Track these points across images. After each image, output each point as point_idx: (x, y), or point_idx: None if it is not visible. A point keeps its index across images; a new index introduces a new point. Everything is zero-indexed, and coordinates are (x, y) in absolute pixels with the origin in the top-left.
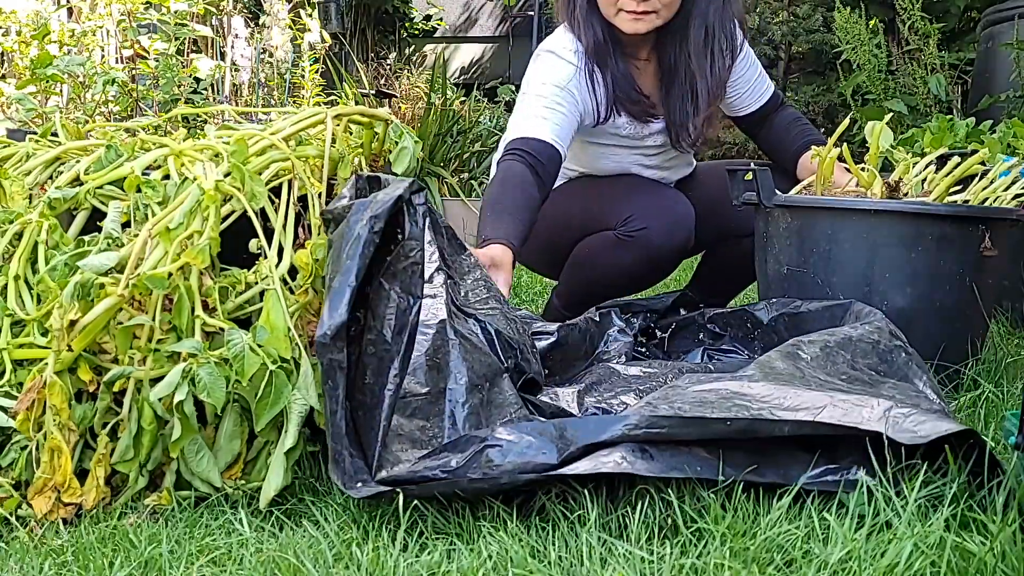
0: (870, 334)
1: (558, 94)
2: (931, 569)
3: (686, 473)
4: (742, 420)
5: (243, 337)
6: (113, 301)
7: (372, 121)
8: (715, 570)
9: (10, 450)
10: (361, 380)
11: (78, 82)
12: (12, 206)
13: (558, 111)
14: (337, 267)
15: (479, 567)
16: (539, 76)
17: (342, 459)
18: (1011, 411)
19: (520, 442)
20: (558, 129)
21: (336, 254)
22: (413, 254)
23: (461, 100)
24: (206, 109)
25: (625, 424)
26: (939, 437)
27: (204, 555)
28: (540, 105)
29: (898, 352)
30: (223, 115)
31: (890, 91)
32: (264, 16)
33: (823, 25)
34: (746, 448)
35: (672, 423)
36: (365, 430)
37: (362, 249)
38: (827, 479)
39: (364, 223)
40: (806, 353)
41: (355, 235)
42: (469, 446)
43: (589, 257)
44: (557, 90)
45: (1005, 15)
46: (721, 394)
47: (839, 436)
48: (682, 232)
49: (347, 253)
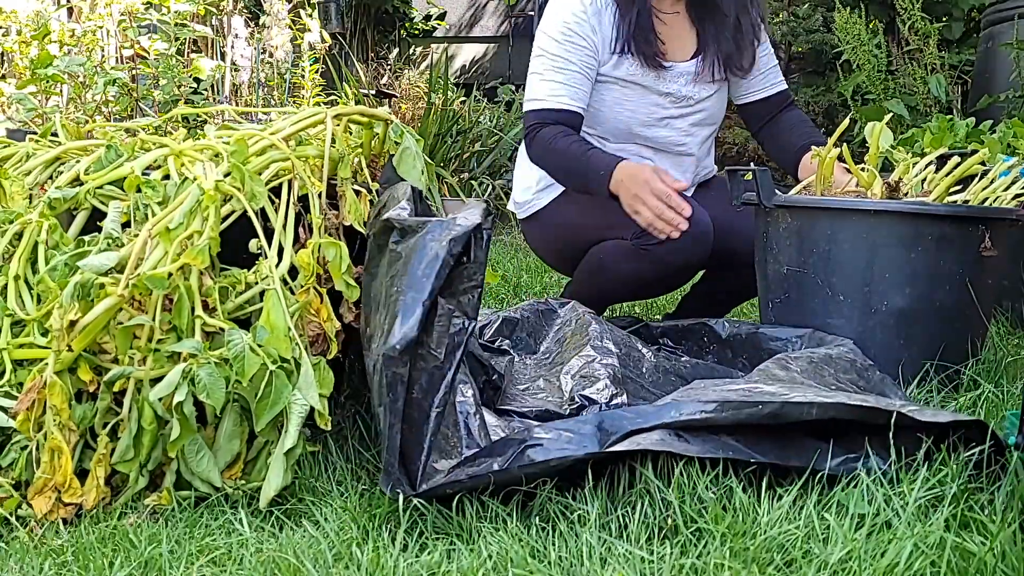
0: (846, 353)
1: (568, 46)
2: (931, 569)
3: (719, 455)
4: (773, 404)
5: (243, 337)
6: (113, 301)
7: (372, 121)
8: (715, 570)
9: (10, 450)
10: (409, 394)
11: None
12: (12, 206)
13: (570, 70)
14: (411, 281)
15: (479, 567)
16: (554, 16)
17: (393, 471)
18: (1011, 411)
19: (560, 438)
20: (573, 91)
21: (406, 267)
22: (476, 277)
23: (461, 100)
24: (206, 109)
25: (668, 411)
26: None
27: (204, 555)
28: (553, 67)
29: (873, 371)
30: (223, 115)
31: (890, 91)
32: (264, 16)
33: (823, 25)
34: (769, 439)
35: (709, 408)
36: (412, 443)
37: (439, 270)
38: (850, 466)
39: (444, 244)
40: (795, 367)
41: (433, 253)
42: (508, 448)
43: (602, 263)
44: (566, 39)
45: (1005, 15)
46: (742, 393)
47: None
48: (699, 249)
49: (423, 271)
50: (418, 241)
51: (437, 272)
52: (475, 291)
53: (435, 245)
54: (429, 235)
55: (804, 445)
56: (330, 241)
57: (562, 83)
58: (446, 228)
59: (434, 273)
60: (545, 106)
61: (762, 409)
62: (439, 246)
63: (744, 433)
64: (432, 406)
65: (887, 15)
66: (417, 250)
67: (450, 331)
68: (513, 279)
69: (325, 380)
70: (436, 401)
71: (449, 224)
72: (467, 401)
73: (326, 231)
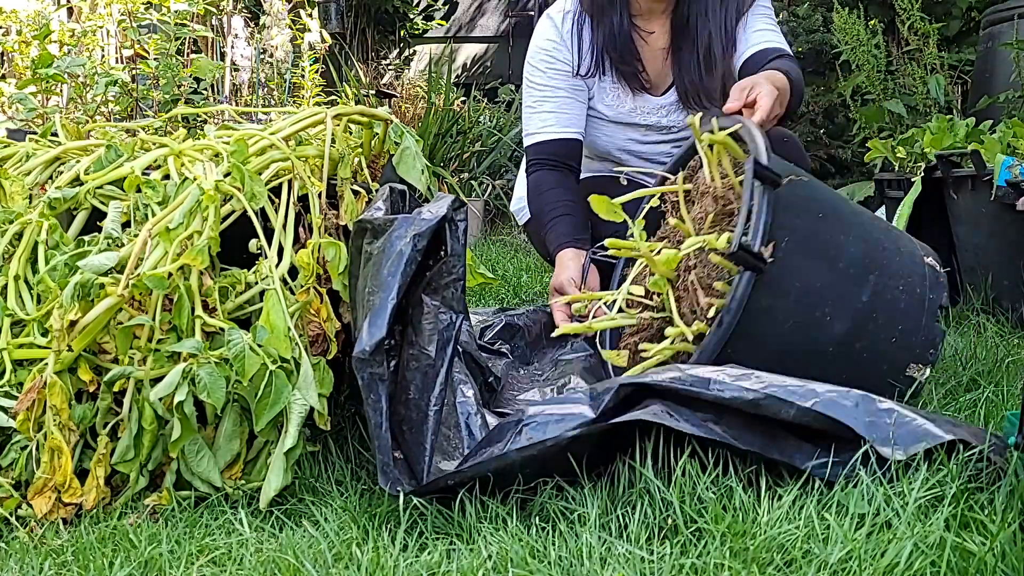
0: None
1: (551, 73)
2: (931, 569)
3: (704, 434)
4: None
5: (243, 337)
6: (113, 301)
7: (372, 121)
8: (715, 570)
9: (10, 450)
10: (404, 395)
11: (78, 82)
12: (12, 206)
13: (557, 97)
14: (378, 283)
15: (479, 567)
16: (533, 45)
17: (389, 469)
18: (1011, 411)
19: (554, 413)
20: (565, 118)
21: (376, 268)
22: (455, 270)
23: (461, 100)
24: (206, 109)
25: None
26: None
27: (204, 555)
28: (541, 97)
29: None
30: (223, 115)
31: (889, 91)
32: (264, 16)
33: (823, 25)
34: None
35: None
36: (413, 444)
37: (404, 267)
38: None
39: (407, 240)
40: None
41: (397, 251)
42: (505, 433)
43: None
44: (548, 67)
45: (1005, 15)
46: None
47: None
48: None
49: (388, 269)
50: (386, 240)
51: (403, 270)
52: (457, 284)
53: (400, 243)
54: (395, 233)
55: (788, 441)
56: (330, 241)
57: (552, 112)
58: (411, 224)
59: (399, 271)
60: (539, 139)
61: (746, 395)
62: (403, 243)
63: (733, 422)
64: (429, 404)
65: (886, 15)
66: (385, 249)
67: (439, 327)
68: (513, 279)
69: (325, 380)
70: (433, 399)
71: (413, 220)
72: (468, 401)
73: (326, 231)
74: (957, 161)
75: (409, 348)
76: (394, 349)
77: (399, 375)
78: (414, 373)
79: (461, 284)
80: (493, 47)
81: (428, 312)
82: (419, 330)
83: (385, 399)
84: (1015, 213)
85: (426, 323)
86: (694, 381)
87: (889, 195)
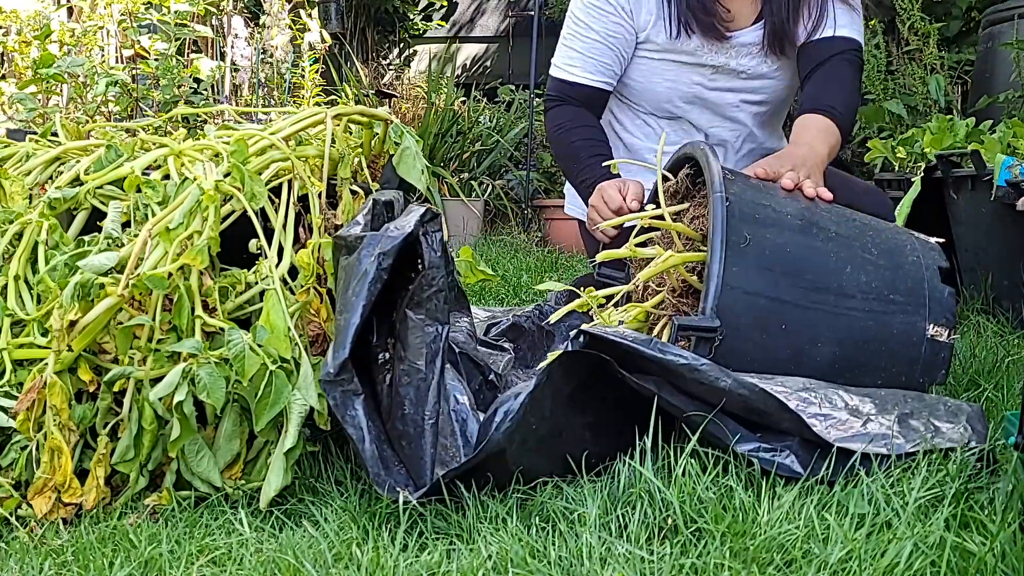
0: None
1: (594, 12)
2: (931, 569)
3: (654, 390)
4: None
5: (243, 337)
6: (113, 301)
7: (372, 121)
8: (715, 570)
9: (10, 450)
10: (400, 411)
11: (79, 82)
12: (12, 206)
13: (590, 38)
14: (344, 303)
15: (479, 567)
16: None
17: (382, 478)
18: (1011, 411)
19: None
20: (591, 63)
21: (343, 288)
22: (436, 282)
23: (461, 100)
24: (206, 109)
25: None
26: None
27: (204, 555)
28: (574, 33)
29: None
30: (223, 115)
31: (889, 91)
32: (264, 16)
33: None
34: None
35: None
36: (413, 459)
37: (368, 287)
38: (760, 456)
39: (372, 259)
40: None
41: (363, 271)
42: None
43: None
44: (593, 5)
45: (1005, 15)
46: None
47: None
48: None
49: (354, 289)
50: (353, 258)
51: (368, 289)
52: (439, 295)
53: (366, 262)
54: (364, 251)
55: (726, 421)
56: (330, 241)
57: (579, 52)
58: (377, 243)
59: (364, 290)
60: (561, 76)
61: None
62: (368, 262)
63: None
64: (425, 419)
65: (887, 15)
66: (352, 268)
67: (426, 341)
68: (513, 279)
69: None
70: (427, 412)
71: (380, 238)
72: (462, 408)
73: (326, 231)
74: (957, 161)
75: (400, 364)
76: (387, 363)
77: (393, 391)
78: (407, 388)
79: (443, 295)
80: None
81: (414, 326)
82: (407, 345)
83: (363, 412)
84: (1015, 213)
85: (413, 337)
86: (636, 339)
87: (889, 195)
